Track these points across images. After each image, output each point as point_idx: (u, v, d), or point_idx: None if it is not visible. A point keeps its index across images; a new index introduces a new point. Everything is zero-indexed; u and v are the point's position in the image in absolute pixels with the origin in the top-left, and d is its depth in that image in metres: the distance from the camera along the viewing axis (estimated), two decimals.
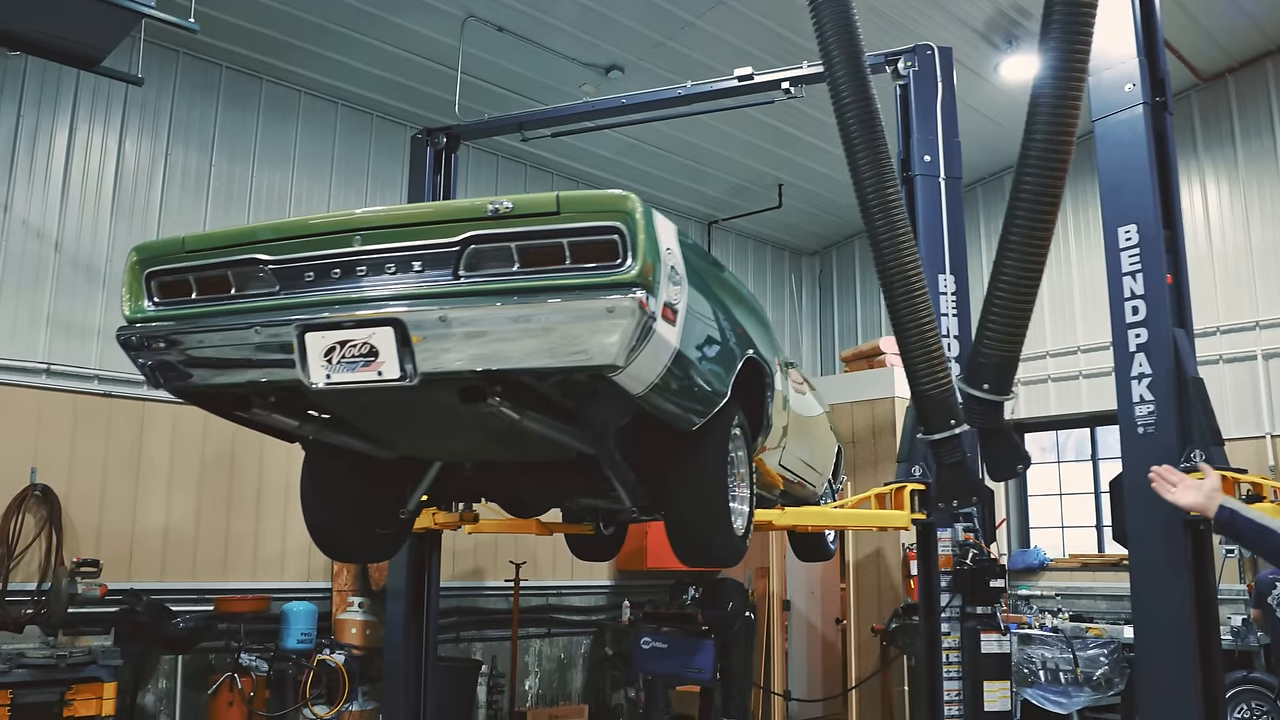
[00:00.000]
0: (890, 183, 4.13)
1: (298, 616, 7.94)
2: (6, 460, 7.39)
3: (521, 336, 3.29)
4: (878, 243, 4.13)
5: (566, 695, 10.56)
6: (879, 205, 4.11)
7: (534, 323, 3.26)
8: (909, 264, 4.12)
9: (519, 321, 3.28)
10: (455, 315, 3.31)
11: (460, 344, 3.33)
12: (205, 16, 7.81)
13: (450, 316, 3.31)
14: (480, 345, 3.32)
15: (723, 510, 4.26)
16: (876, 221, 4.12)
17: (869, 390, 10.60)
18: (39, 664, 6.73)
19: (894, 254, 4.12)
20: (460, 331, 3.32)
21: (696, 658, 6.52)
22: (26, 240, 7.78)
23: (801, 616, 11.40)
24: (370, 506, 5.00)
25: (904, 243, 4.12)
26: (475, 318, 3.30)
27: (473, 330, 3.31)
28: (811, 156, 11.62)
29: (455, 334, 3.32)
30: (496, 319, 3.29)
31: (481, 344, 3.32)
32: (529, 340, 3.28)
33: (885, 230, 4.11)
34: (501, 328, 3.29)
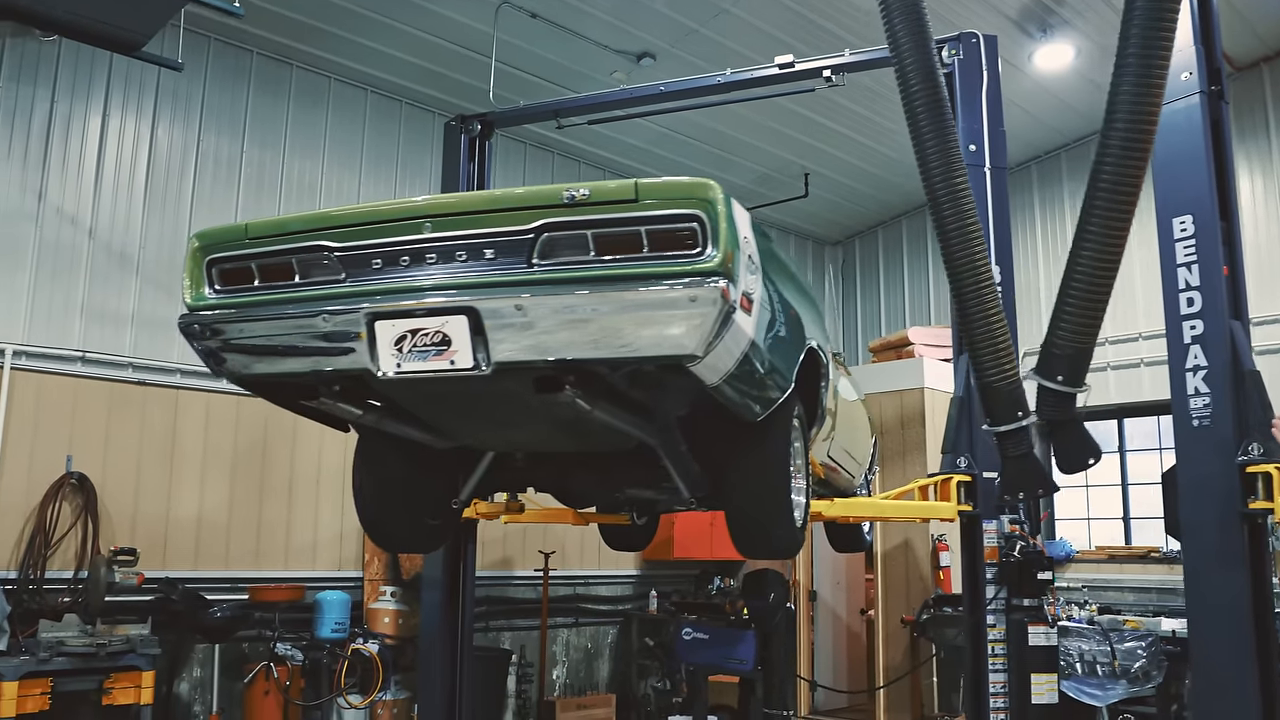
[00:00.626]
0: (959, 173, 4.07)
1: (331, 606, 7.92)
2: (43, 448, 7.37)
3: (599, 326, 3.24)
4: (946, 233, 4.07)
5: (594, 685, 10.54)
6: (948, 195, 4.05)
7: (613, 312, 3.22)
8: (977, 255, 4.07)
9: (597, 310, 3.23)
10: (531, 304, 3.26)
11: (536, 333, 3.29)
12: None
13: (526, 305, 3.27)
14: (556, 334, 3.27)
15: (785, 502, 4.22)
16: (945, 212, 4.06)
17: (897, 381, 10.55)
18: (79, 652, 6.73)
19: (962, 245, 4.07)
20: (536, 320, 3.27)
21: (738, 649, 6.48)
22: (61, 227, 7.74)
23: (828, 607, 11.38)
24: (423, 496, 4.96)
25: (972, 234, 4.07)
26: (552, 306, 3.25)
27: (549, 319, 3.26)
28: (839, 145, 11.55)
29: (531, 323, 3.28)
30: (574, 308, 3.24)
31: (558, 333, 3.27)
32: (607, 329, 3.24)
33: (954, 221, 4.06)
34: (579, 316, 3.24)
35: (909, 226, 13.52)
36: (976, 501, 6.09)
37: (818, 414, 5.00)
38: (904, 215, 13.54)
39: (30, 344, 7.43)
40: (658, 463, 4.48)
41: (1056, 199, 11.75)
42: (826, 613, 11.37)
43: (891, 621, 10.02)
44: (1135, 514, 11.26)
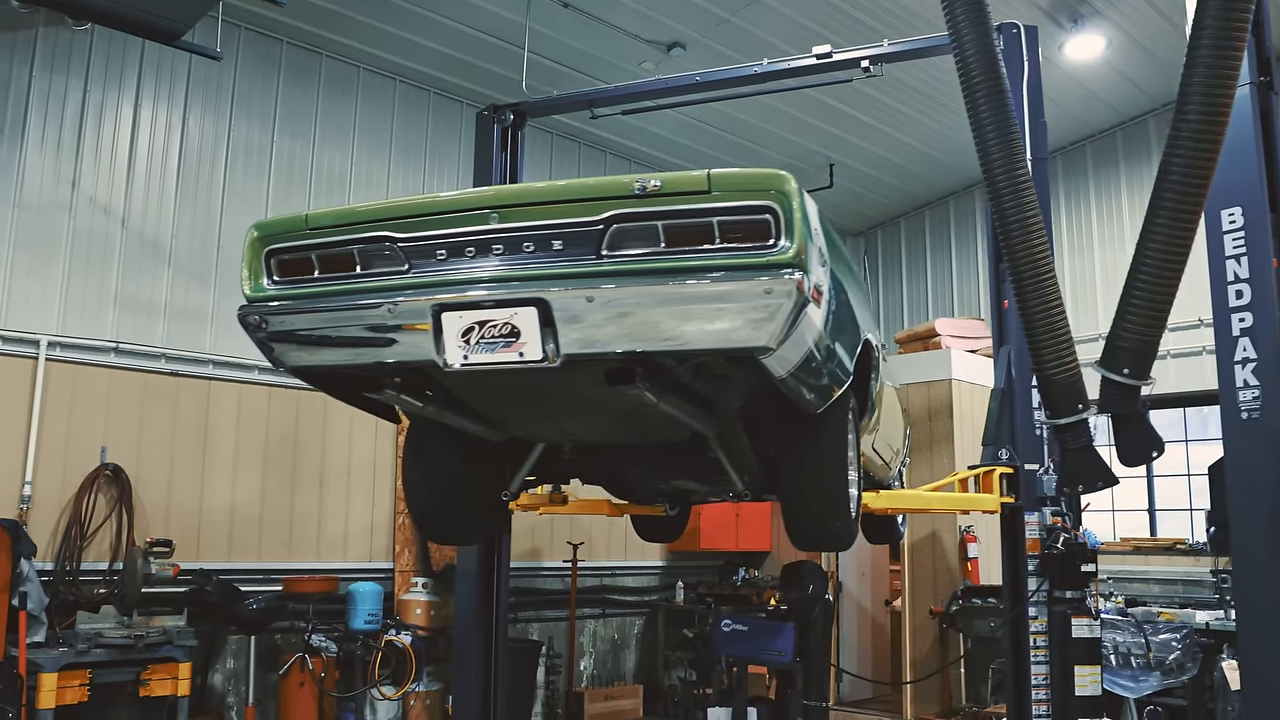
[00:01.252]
0: (1020, 165, 4.03)
1: (364, 597, 7.92)
2: (78, 439, 7.37)
3: (672, 318, 3.22)
4: (1007, 225, 4.03)
5: (621, 675, 10.55)
6: (1009, 187, 4.01)
7: (687, 304, 3.19)
8: (1038, 247, 4.03)
9: (671, 302, 3.21)
10: (604, 295, 3.24)
11: (607, 325, 3.26)
12: None
13: (598, 297, 3.24)
14: (628, 326, 3.25)
15: (843, 495, 4.21)
16: (1006, 204, 4.02)
17: (925, 372, 10.50)
18: (116, 644, 6.74)
19: (1023, 237, 4.02)
20: (608, 312, 3.25)
21: (777, 640, 6.47)
22: (94, 217, 7.73)
23: (852, 598, 11.35)
24: (472, 488, 4.96)
25: (1033, 226, 4.02)
26: (625, 298, 3.23)
27: (621, 311, 3.24)
28: (865, 136, 11.50)
29: (602, 315, 3.26)
30: (647, 299, 3.21)
31: (629, 325, 3.25)
32: (680, 321, 3.21)
33: (1015, 213, 4.02)
34: (652, 308, 3.22)
35: (931, 217, 13.47)
36: (1018, 493, 6.08)
37: (868, 405, 4.99)
38: (926, 206, 13.49)
39: (64, 335, 7.42)
40: (709, 455, 4.47)
41: (1082, 190, 11.69)
42: (851, 604, 11.35)
43: (919, 613, 10.00)
44: (1160, 505, 11.23)
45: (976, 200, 12.81)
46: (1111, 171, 11.52)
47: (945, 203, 13.28)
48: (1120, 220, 11.30)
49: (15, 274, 7.31)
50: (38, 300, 7.37)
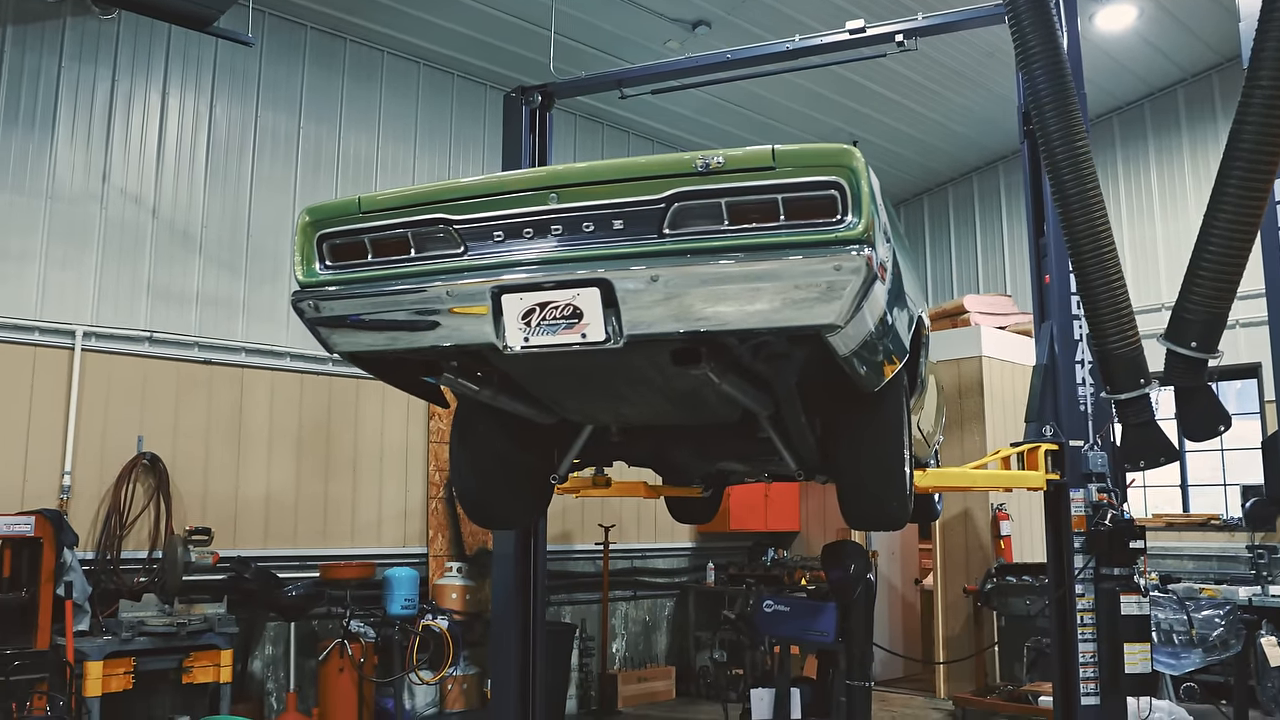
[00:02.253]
0: (1080, 137, 3.97)
1: (400, 582, 7.92)
2: (115, 429, 7.37)
3: (738, 296, 3.18)
4: (1066, 198, 3.97)
5: (652, 657, 10.55)
6: (1068, 159, 3.95)
7: (753, 282, 3.16)
8: (1098, 220, 3.97)
9: (736, 281, 3.17)
10: (667, 275, 3.20)
11: (670, 305, 3.23)
12: None
13: (662, 276, 3.20)
14: (692, 306, 3.21)
15: (900, 473, 4.18)
16: (1065, 176, 3.96)
17: (954, 350, 10.45)
18: (159, 632, 6.77)
19: (1082, 209, 3.97)
20: (672, 292, 3.21)
21: (819, 620, 6.41)
22: (125, 207, 7.71)
23: (883, 577, 11.32)
24: (520, 472, 4.94)
25: (1092, 198, 3.96)
26: (689, 277, 3.19)
27: (686, 290, 3.20)
28: (888, 111, 11.41)
29: (666, 294, 3.22)
30: (712, 278, 3.18)
31: (694, 304, 3.21)
32: (746, 300, 3.18)
33: (1074, 185, 3.96)
34: (717, 288, 3.18)
35: (955, 193, 13.37)
36: (1064, 470, 6.03)
37: (918, 382, 4.95)
38: (950, 182, 13.39)
39: (99, 325, 7.42)
40: (760, 435, 4.43)
41: (1110, 163, 11.56)
42: (881, 582, 11.32)
43: (951, 591, 9.98)
44: (1193, 481, 11.17)
45: (1001, 176, 12.71)
46: (1174, 136, 11.19)
47: (969, 179, 13.17)
48: (1183, 187, 11.06)
49: (50, 265, 7.30)
50: (72, 291, 7.36)
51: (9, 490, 6.88)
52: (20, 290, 7.14)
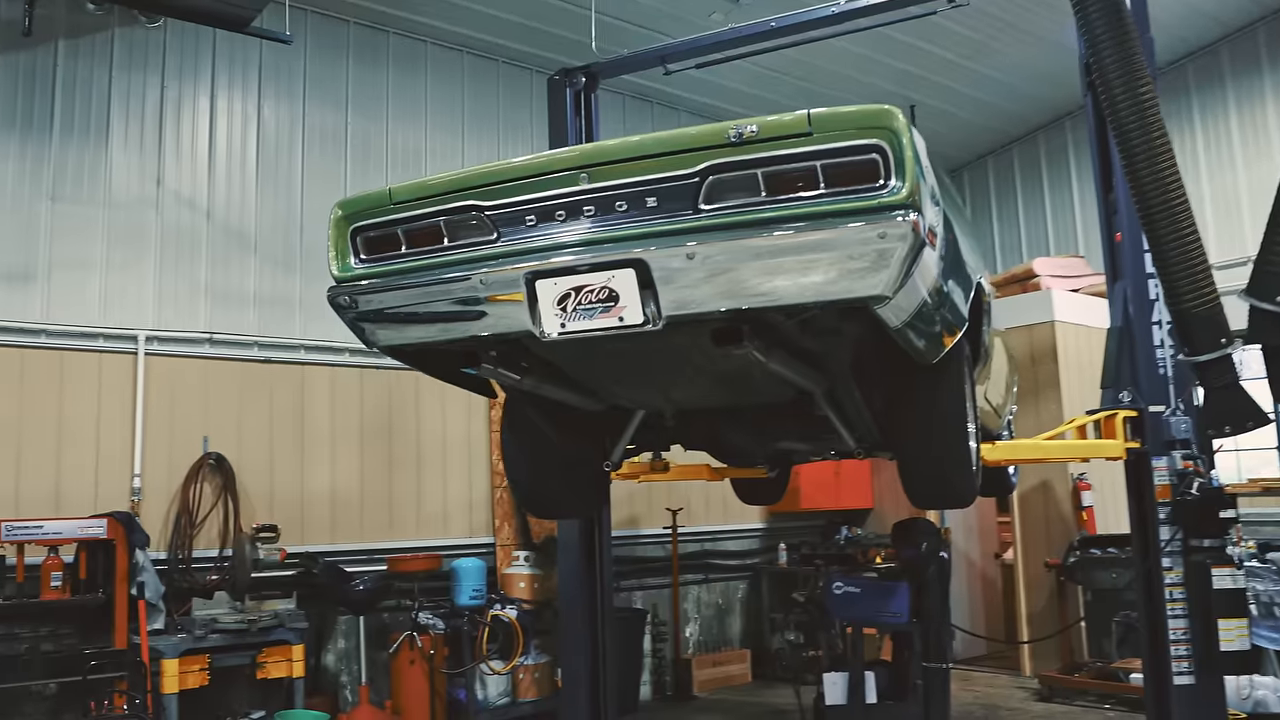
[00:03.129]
0: (1143, 80, 3.72)
1: (468, 573, 7.91)
2: (181, 431, 7.46)
3: (779, 270, 3.04)
4: (1130, 148, 3.72)
5: (727, 641, 10.45)
6: (1130, 105, 3.70)
7: (794, 255, 3.01)
8: (1165, 170, 3.72)
9: (776, 254, 3.03)
10: (704, 251, 3.07)
11: (709, 282, 3.10)
12: None
13: (699, 253, 3.08)
14: (732, 282, 3.08)
15: (964, 448, 4.00)
16: (1128, 124, 3.71)
17: (1024, 315, 10.12)
18: (231, 629, 6.85)
19: (1148, 160, 3.72)
20: (710, 269, 3.08)
21: (892, 601, 6.26)
22: (180, 211, 7.78)
23: (960, 552, 11.06)
24: (572, 460, 4.86)
25: (1159, 146, 3.71)
26: (727, 253, 3.06)
27: (724, 267, 3.07)
28: (944, 73, 11.05)
29: (704, 272, 3.09)
30: (751, 253, 3.04)
31: (733, 281, 3.08)
32: (788, 274, 3.03)
33: (1138, 133, 3.71)
34: (756, 262, 3.05)
35: (1020, 154, 12.94)
36: (1144, 437, 5.76)
37: (980, 352, 4.75)
38: (1015, 142, 12.96)
39: (160, 329, 7.50)
40: (815, 413, 4.28)
41: (1185, 111, 11.04)
42: (959, 558, 11.06)
43: (1033, 566, 9.69)
44: None
45: (1068, 132, 12.25)
46: (1255, 78, 10.60)
47: (1034, 138, 12.73)
48: (1265, 131, 10.48)
49: (111, 272, 7.40)
50: (133, 296, 7.46)
51: (82, 494, 7.01)
52: (83, 298, 7.25)
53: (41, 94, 7.29)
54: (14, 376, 6.89)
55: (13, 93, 7.17)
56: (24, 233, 7.10)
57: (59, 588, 6.45)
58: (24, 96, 7.21)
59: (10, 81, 7.17)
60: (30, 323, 7.01)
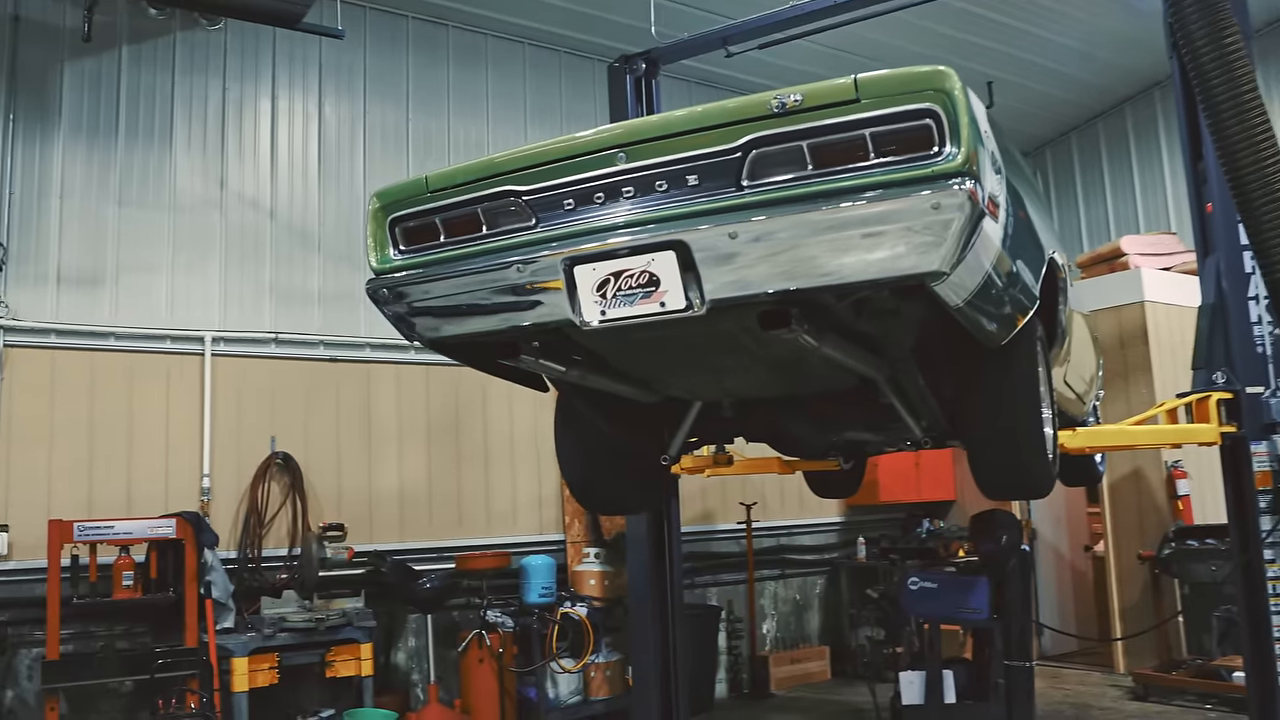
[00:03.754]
0: (1230, 31, 3.41)
1: (537, 570, 7.82)
2: (249, 431, 7.51)
3: (827, 248, 2.83)
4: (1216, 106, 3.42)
5: (805, 637, 10.20)
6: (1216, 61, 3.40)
7: (842, 230, 2.80)
8: (1258, 130, 3.41)
9: (823, 231, 2.82)
10: (747, 230, 2.88)
11: (754, 263, 2.90)
12: None
13: (741, 232, 2.89)
14: (778, 262, 2.88)
15: (1038, 436, 3.73)
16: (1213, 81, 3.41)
17: (1112, 296, 9.67)
18: (300, 628, 6.86)
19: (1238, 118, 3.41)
20: (753, 248, 2.89)
21: (970, 597, 5.97)
22: (244, 212, 7.84)
23: (1048, 545, 10.65)
24: (629, 454, 4.69)
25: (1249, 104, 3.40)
26: (771, 230, 2.86)
27: (769, 246, 2.87)
28: (1024, 46, 10.61)
29: (748, 252, 2.90)
30: (797, 230, 2.84)
31: (779, 261, 2.88)
32: (837, 252, 2.82)
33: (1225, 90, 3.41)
34: (803, 239, 2.84)
35: (1106, 128, 12.39)
36: (1241, 421, 5.39)
37: (1057, 333, 4.46)
38: (1100, 116, 12.41)
39: (227, 330, 7.56)
40: (881, 401, 4.05)
41: None
42: (1048, 551, 10.65)
43: (1125, 558, 9.25)
44: None
45: (1157, 103, 11.68)
46: None
47: (1120, 110, 12.17)
48: None
49: (177, 274, 7.48)
50: (199, 298, 7.53)
51: (153, 495, 7.09)
52: (151, 301, 7.34)
53: (107, 100, 7.39)
54: (85, 379, 7.00)
55: (79, 100, 7.28)
56: (92, 237, 7.21)
57: (130, 587, 6.54)
58: (90, 103, 7.32)
59: (77, 89, 7.28)
60: (100, 326, 7.12)
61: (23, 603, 6.54)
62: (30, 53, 7.13)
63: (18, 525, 6.62)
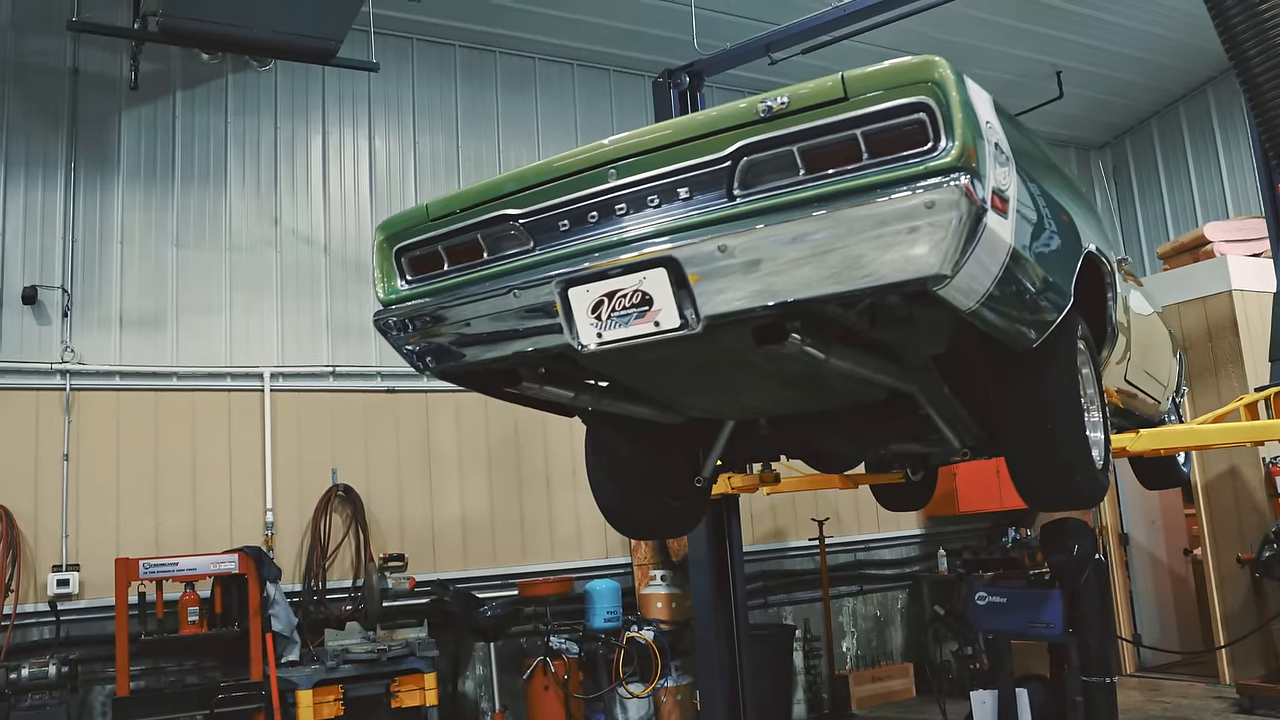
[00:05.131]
0: None
1: (602, 595, 7.74)
2: (310, 464, 7.59)
3: (821, 256, 2.67)
4: (1253, 79, 3.19)
5: (887, 654, 9.89)
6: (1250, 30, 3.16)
7: (835, 237, 2.64)
8: None
9: (815, 239, 2.66)
10: (736, 242, 2.74)
11: (746, 276, 2.76)
12: None
13: (731, 244, 2.75)
14: (771, 275, 2.73)
15: (1079, 442, 3.48)
16: (1249, 51, 3.17)
17: (1197, 287, 9.20)
18: (363, 659, 6.88)
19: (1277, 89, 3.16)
20: (744, 261, 2.74)
21: (1042, 611, 5.68)
22: (299, 248, 7.96)
23: (1143, 550, 10.15)
24: (662, 477, 4.56)
25: None
26: (761, 241, 2.72)
27: (759, 257, 2.73)
28: (1092, 33, 10.21)
29: (739, 265, 2.76)
30: (787, 239, 2.69)
31: (772, 273, 2.73)
32: (831, 260, 2.66)
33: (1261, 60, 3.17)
34: (794, 250, 2.69)
35: (1188, 112, 11.83)
36: None
37: (1106, 332, 4.19)
38: (1180, 100, 11.87)
39: (285, 365, 7.66)
40: (918, 412, 3.85)
41: None
42: (1143, 557, 10.15)
43: (1224, 562, 8.75)
44: None
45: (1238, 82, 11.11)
46: None
47: (1202, 92, 11.62)
48: None
49: (235, 312, 7.62)
50: (257, 335, 7.66)
51: (219, 530, 7.21)
52: (210, 340, 7.49)
53: (163, 145, 7.58)
54: (149, 419, 7.16)
55: (136, 146, 7.49)
56: (153, 280, 7.39)
57: (195, 622, 6.64)
58: (146, 148, 7.53)
59: (134, 135, 7.49)
60: (162, 366, 7.28)
61: (95, 640, 6.68)
62: (89, 103, 7.36)
63: (88, 564, 6.79)
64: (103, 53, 7.40)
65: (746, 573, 8.77)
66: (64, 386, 6.95)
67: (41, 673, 6.19)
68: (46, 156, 7.19)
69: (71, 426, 6.93)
